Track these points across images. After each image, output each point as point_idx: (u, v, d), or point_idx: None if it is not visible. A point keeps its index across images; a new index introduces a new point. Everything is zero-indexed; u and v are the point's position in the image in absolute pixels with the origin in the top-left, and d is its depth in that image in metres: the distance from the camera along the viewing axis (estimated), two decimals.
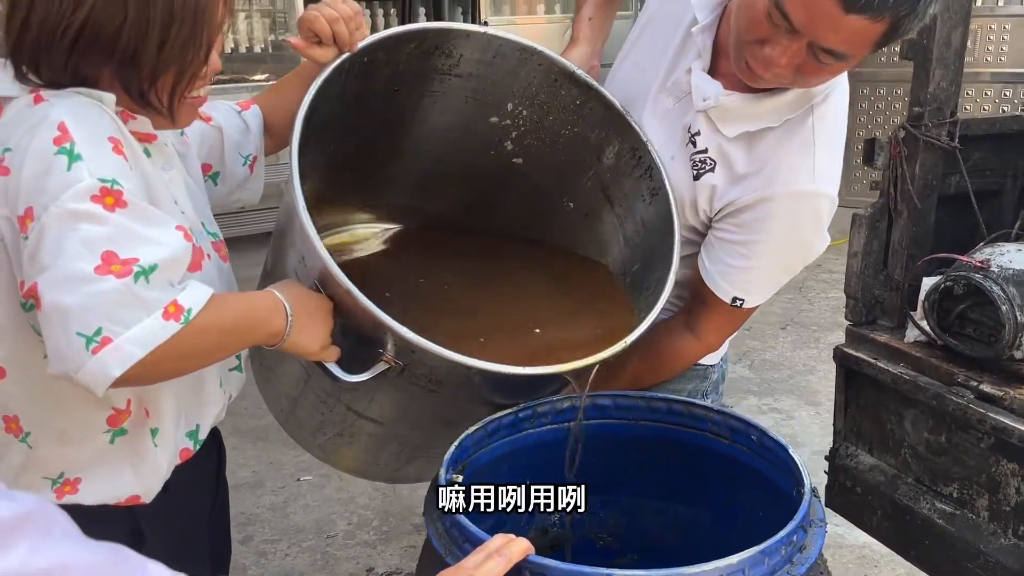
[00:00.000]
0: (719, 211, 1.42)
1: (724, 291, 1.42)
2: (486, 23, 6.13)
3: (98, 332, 0.95)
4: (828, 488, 2.03)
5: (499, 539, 0.96)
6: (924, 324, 1.76)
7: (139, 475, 1.18)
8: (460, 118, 1.50)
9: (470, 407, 1.33)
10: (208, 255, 1.21)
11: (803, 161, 1.35)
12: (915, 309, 1.80)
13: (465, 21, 7.98)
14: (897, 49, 1.71)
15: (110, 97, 1.07)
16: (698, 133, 1.40)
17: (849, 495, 1.96)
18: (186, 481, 1.26)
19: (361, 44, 1.26)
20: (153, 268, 0.98)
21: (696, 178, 1.41)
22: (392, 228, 1.74)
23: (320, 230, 1.18)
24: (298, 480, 3.21)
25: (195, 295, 1.02)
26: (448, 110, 1.49)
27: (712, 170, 1.40)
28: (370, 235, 1.72)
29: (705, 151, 1.40)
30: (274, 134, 1.45)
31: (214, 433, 1.37)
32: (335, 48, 1.26)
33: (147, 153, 1.13)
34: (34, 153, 0.98)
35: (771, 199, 1.36)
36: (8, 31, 1.06)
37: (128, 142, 1.07)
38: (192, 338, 1.01)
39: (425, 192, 1.67)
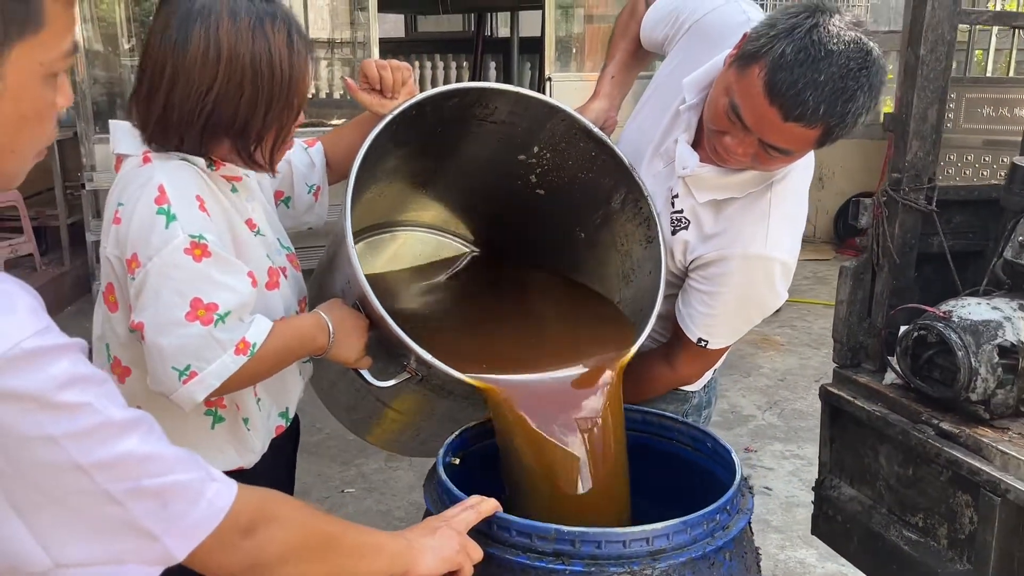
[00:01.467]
0: (691, 263, 1.65)
1: (692, 331, 1.65)
2: (549, 79, 6.47)
3: (187, 368, 1.27)
4: (814, 517, 2.20)
5: (474, 498, 1.23)
6: (899, 367, 1.94)
7: (240, 452, 1.48)
8: (493, 153, 1.75)
9: (475, 411, 1.58)
10: (284, 269, 1.50)
11: (758, 228, 1.57)
12: (893, 354, 1.98)
13: (532, 76, 8.37)
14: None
15: (200, 160, 1.35)
16: (677, 195, 1.64)
17: (831, 523, 2.13)
18: (270, 458, 1.54)
19: (412, 101, 1.51)
20: (228, 313, 1.28)
21: (673, 233, 1.65)
22: (432, 232, 2.01)
23: (369, 229, 1.44)
24: (342, 491, 3.48)
25: (258, 331, 1.32)
26: (483, 146, 1.74)
27: (686, 228, 1.64)
28: (412, 240, 2.00)
29: (681, 211, 1.64)
30: (334, 168, 1.73)
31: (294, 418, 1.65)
32: (378, 94, 1.54)
33: (234, 190, 1.42)
34: (140, 210, 1.27)
35: (729, 258, 1.59)
36: (149, 110, 1.32)
37: (213, 194, 1.36)
38: (256, 364, 1.32)
39: (462, 209, 1.95)
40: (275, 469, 1.55)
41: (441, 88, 1.55)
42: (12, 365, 0.74)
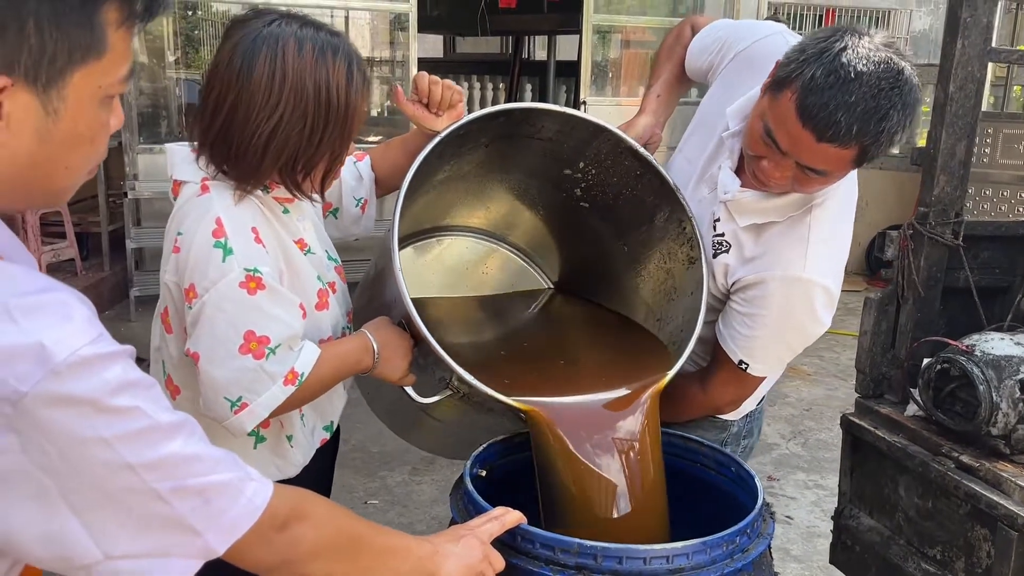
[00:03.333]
0: (732, 285, 1.66)
1: (733, 352, 1.66)
2: (584, 102, 6.53)
3: (239, 399, 1.33)
4: (832, 546, 2.21)
5: (499, 510, 1.27)
6: (921, 399, 1.96)
7: (281, 468, 1.52)
8: (539, 166, 1.78)
9: (515, 426, 1.62)
10: (332, 284, 1.54)
11: (796, 252, 1.58)
12: (915, 386, 2.00)
13: (567, 99, 8.44)
14: None
15: (256, 188, 1.38)
16: (718, 219, 1.66)
17: (850, 553, 2.14)
18: (313, 459, 1.58)
19: (460, 122, 1.53)
20: (279, 345, 1.34)
21: (715, 256, 1.67)
22: (478, 237, 2.05)
23: (417, 234, 1.45)
24: (365, 503, 3.53)
25: (307, 360, 1.38)
26: (529, 159, 1.76)
27: (727, 251, 1.66)
28: (459, 245, 2.04)
29: (722, 235, 1.66)
30: (380, 183, 1.75)
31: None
32: (424, 108, 1.56)
33: (286, 211, 1.46)
34: (198, 242, 1.32)
35: (768, 280, 1.59)
36: (208, 133, 1.35)
37: (267, 221, 1.39)
38: (303, 392, 1.38)
39: (507, 216, 1.99)
40: (315, 472, 1.59)
41: (489, 109, 1.56)
42: (70, 371, 0.79)
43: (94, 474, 0.83)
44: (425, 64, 6.15)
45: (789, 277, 1.58)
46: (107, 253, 5.99)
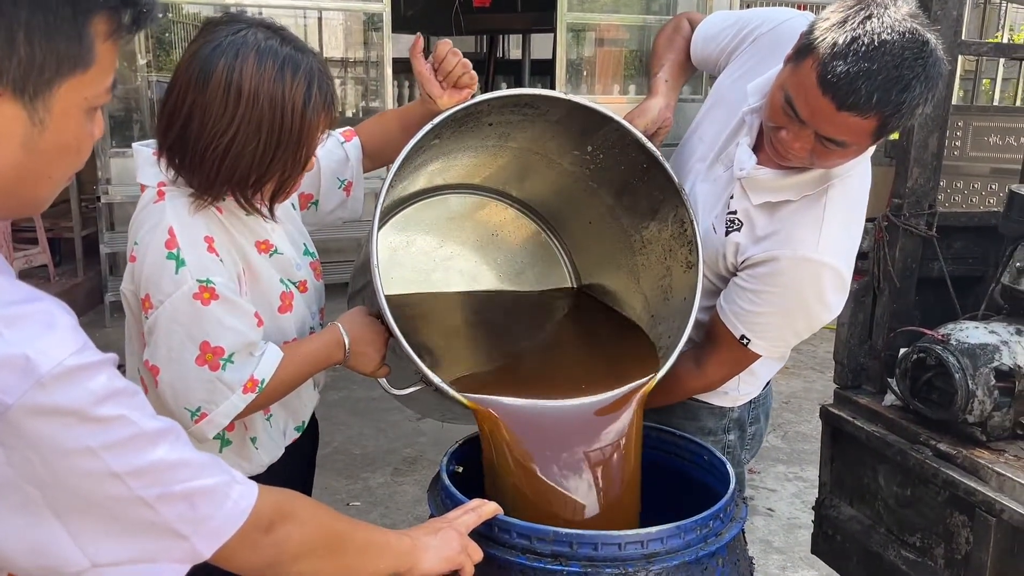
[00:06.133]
0: (741, 263, 1.64)
1: (735, 327, 1.62)
2: None
3: (198, 409, 1.34)
4: (814, 536, 2.23)
5: (476, 502, 1.28)
6: (898, 389, 1.98)
7: (247, 470, 1.50)
8: (547, 143, 1.74)
9: None
10: (303, 283, 1.51)
11: (810, 232, 1.54)
12: (893, 376, 2.02)
13: None
14: None
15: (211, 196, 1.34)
16: (732, 197, 1.64)
17: (831, 543, 2.16)
18: (287, 457, 1.57)
19: (462, 106, 1.47)
20: (234, 354, 1.33)
21: (727, 234, 1.64)
22: (479, 194, 1.99)
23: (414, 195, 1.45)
24: (347, 505, 3.51)
25: (267, 366, 1.37)
26: (536, 134, 1.70)
27: (739, 230, 1.63)
28: (455, 201, 1.98)
29: (735, 212, 1.63)
30: (371, 157, 1.68)
31: (312, 420, 1.67)
32: (432, 71, 1.49)
33: (248, 212, 1.41)
34: (152, 253, 1.31)
35: (780, 259, 1.56)
36: (165, 141, 1.32)
37: (223, 227, 1.36)
38: (266, 396, 1.38)
39: (516, 185, 1.94)
40: (293, 468, 1.59)
41: (496, 93, 1.50)
42: (56, 382, 0.79)
43: (80, 484, 0.83)
44: (400, 64, 6.14)
45: (800, 256, 1.55)
46: (81, 259, 5.93)
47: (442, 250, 1.96)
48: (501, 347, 1.83)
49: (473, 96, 1.52)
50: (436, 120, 1.45)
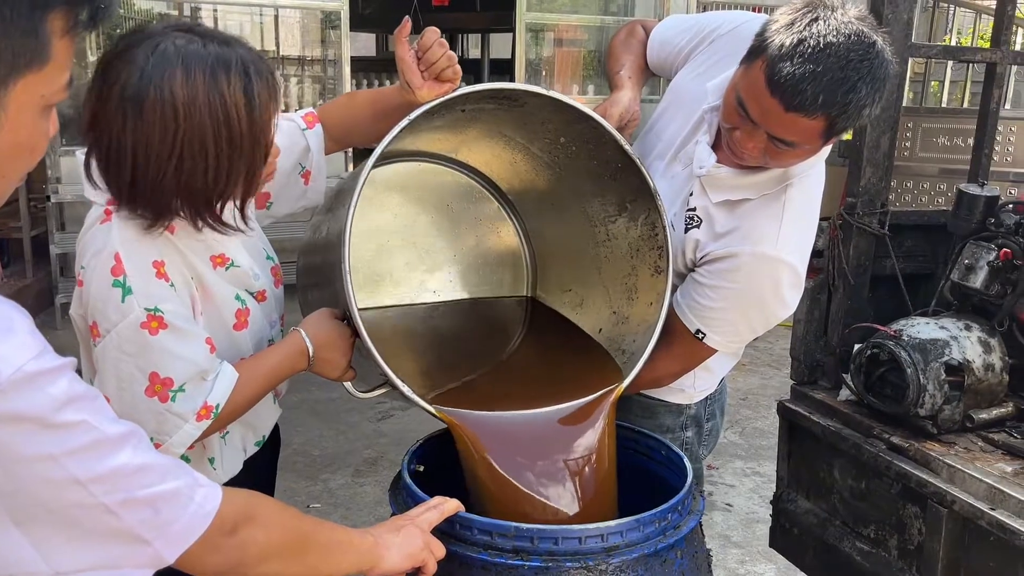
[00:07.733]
0: (700, 259, 1.65)
1: (691, 322, 1.63)
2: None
3: (151, 439, 1.25)
4: (772, 530, 2.27)
5: (437, 499, 1.29)
6: (852, 384, 2.02)
7: None
8: (521, 128, 1.71)
9: None
10: (261, 293, 1.46)
11: (770, 228, 1.57)
12: (848, 371, 2.06)
13: None
14: None
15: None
16: (691, 194, 1.65)
17: (788, 536, 2.19)
18: (248, 470, 1.53)
19: (440, 100, 1.43)
20: (184, 383, 1.27)
21: (686, 231, 1.66)
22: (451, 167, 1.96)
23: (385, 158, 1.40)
24: (308, 506, 3.48)
25: (221, 390, 1.31)
26: (510, 120, 1.67)
27: (698, 227, 1.65)
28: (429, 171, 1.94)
29: (694, 210, 1.65)
30: (336, 140, 1.62)
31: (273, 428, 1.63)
32: (416, 59, 1.44)
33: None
34: (97, 280, 1.25)
35: (739, 255, 1.58)
36: (110, 182, 1.26)
37: (173, 248, 1.30)
38: (223, 419, 1.34)
39: (475, 157, 1.90)
40: (256, 476, 1.56)
41: (477, 87, 1.49)
42: (15, 388, 0.77)
43: (41, 491, 0.81)
44: (358, 63, 6.10)
45: (760, 253, 1.57)
46: (30, 260, 5.79)
47: (396, 221, 1.92)
48: (461, 360, 1.82)
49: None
50: (413, 115, 1.41)
